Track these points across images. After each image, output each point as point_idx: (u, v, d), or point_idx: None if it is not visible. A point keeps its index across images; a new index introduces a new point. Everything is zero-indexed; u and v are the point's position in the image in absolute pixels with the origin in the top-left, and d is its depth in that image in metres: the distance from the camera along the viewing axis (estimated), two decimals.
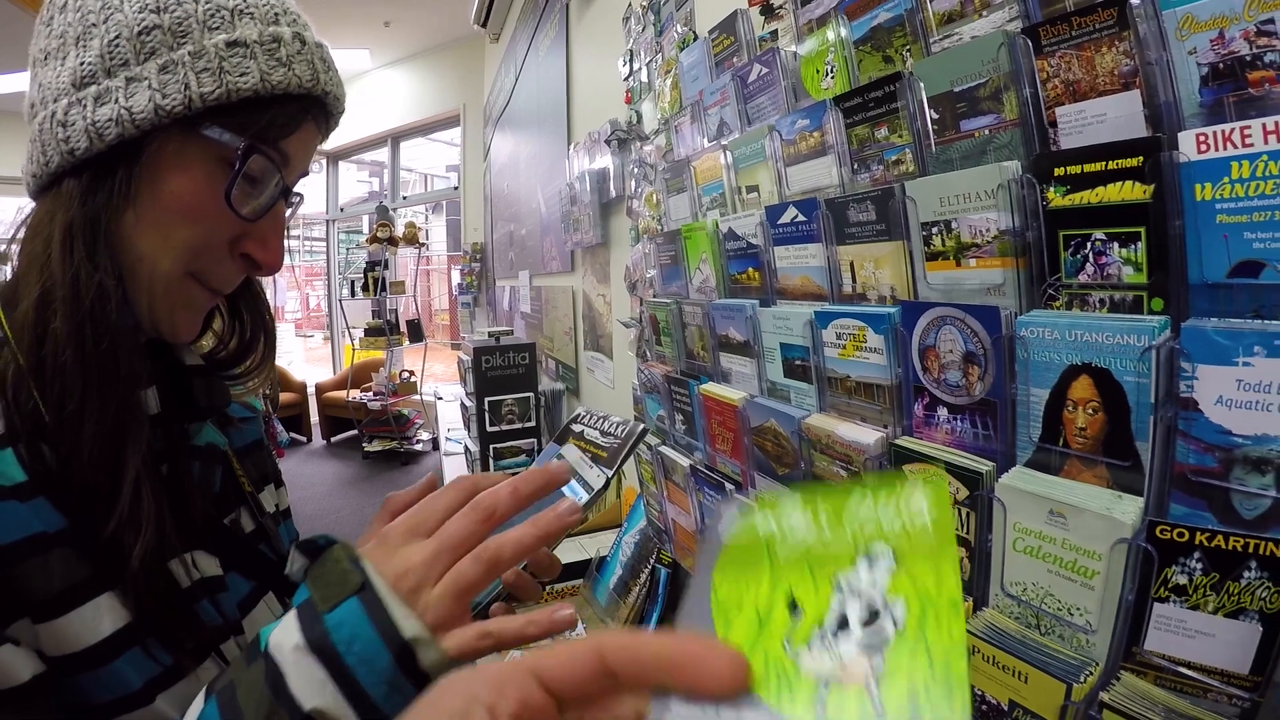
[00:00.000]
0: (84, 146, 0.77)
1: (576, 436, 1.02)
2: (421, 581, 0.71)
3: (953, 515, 0.47)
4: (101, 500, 0.75)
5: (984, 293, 1.02)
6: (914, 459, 1.09)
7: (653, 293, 2.22)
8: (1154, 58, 0.84)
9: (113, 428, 0.77)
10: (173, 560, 0.82)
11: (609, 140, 3.11)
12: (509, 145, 6.86)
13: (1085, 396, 0.88)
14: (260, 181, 0.84)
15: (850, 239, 1.25)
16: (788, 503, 0.50)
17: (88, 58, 0.77)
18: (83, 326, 0.76)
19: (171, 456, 0.91)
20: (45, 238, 0.78)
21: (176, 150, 0.80)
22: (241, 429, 1.11)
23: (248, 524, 1.03)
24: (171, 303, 0.85)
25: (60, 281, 0.76)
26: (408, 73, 10.29)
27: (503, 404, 4.44)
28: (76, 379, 0.75)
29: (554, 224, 4.70)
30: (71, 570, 0.73)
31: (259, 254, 0.89)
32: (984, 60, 1.01)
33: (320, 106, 0.90)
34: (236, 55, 0.79)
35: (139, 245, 0.80)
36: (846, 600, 0.44)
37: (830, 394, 1.31)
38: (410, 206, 11.72)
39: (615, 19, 3.13)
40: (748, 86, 1.61)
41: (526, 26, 5.81)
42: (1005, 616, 0.98)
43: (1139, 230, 0.84)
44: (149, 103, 0.76)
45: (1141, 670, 0.84)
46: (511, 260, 6.96)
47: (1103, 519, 0.84)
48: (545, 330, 5.34)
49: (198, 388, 0.97)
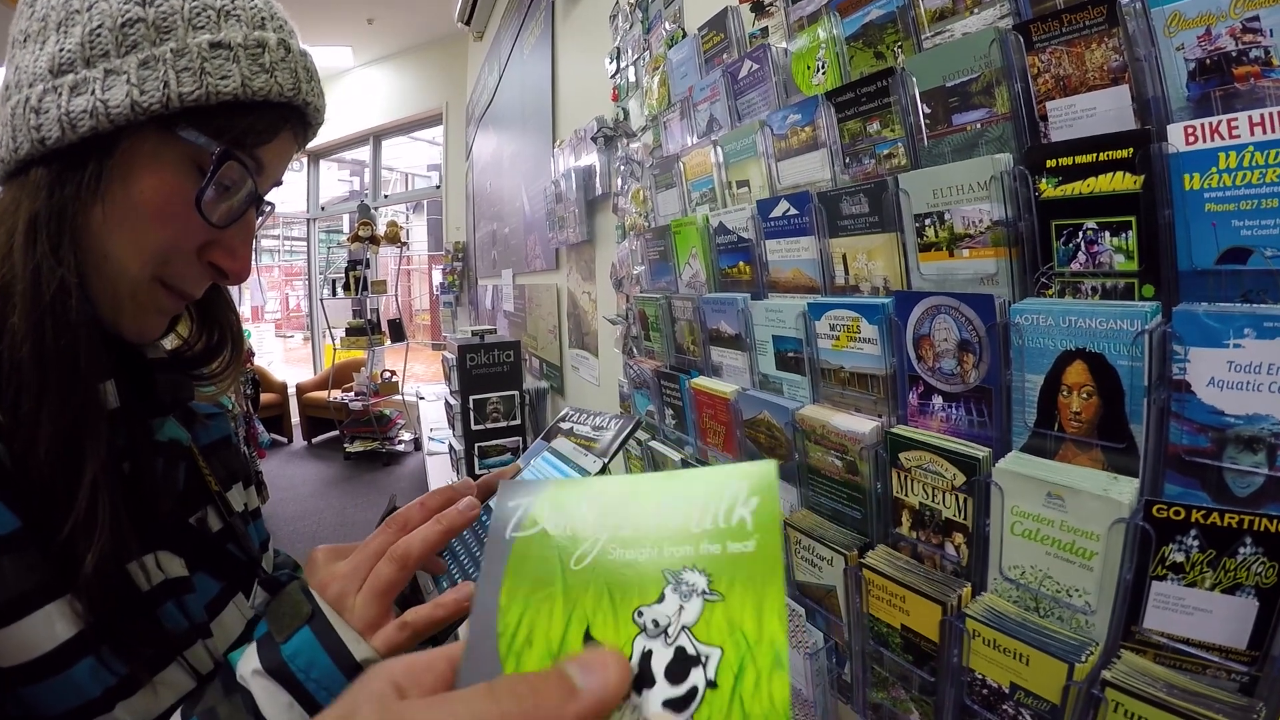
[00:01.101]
0: (55, 136, 0.74)
1: (566, 433, 1.02)
2: (345, 590, 0.77)
3: (780, 530, 0.42)
4: (57, 501, 0.73)
5: (977, 282, 1.04)
6: (910, 447, 1.10)
7: (640, 289, 2.23)
8: (1143, 54, 0.86)
9: (71, 426, 0.74)
10: (133, 563, 0.80)
11: (595, 137, 3.12)
12: (492, 144, 6.84)
13: (1080, 381, 0.90)
14: (233, 188, 0.83)
15: (843, 231, 1.26)
16: (581, 492, 0.47)
17: (68, 44, 0.75)
18: (42, 322, 0.73)
19: (133, 453, 0.87)
20: (9, 228, 0.75)
21: (150, 150, 0.77)
22: (208, 425, 1.08)
23: (215, 523, 1.00)
24: (138, 306, 0.83)
25: (20, 274, 0.73)
26: (390, 71, 10.25)
27: (488, 402, 4.44)
28: (34, 375, 0.73)
29: (538, 222, 4.70)
30: (23, 575, 0.70)
31: (226, 263, 0.86)
32: (976, 56, 1.03)
33: (300, 116, 0.88)
34: (219, 57, 0.77)
35: (105, 244, 0.77)
36: (651, 644, 0.40)
37: (824, 385, 1.32)
38: (391, 205, 11.66)
39: (602, 17, 3.13)
40: (738, 83, 1.62)
41: (511, 25, 5.79)
42: (1004, 600, 1.00)
43: (1130, 219, 0.87)
44: (126, 97, 0.74)
45: (1141, 649, 0.85)
46: (494, 259, 6.95)
47: (1100, 500, 0.86)
48: (529, 329, 5.33)
49: (161, 382, 0.94)
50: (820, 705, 1.34)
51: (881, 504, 1.19)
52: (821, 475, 1.31)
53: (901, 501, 1.14)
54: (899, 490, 1.14)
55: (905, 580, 1.10)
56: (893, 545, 1.18)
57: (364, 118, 10.43)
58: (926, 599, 1.06)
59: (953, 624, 1.03)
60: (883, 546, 1.19)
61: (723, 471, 0.44)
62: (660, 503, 0.44)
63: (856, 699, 1.29)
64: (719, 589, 0.40)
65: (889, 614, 1.14)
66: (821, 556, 1.27)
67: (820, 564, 1.28)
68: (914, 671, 1.12)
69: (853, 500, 1.25)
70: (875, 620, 1.17)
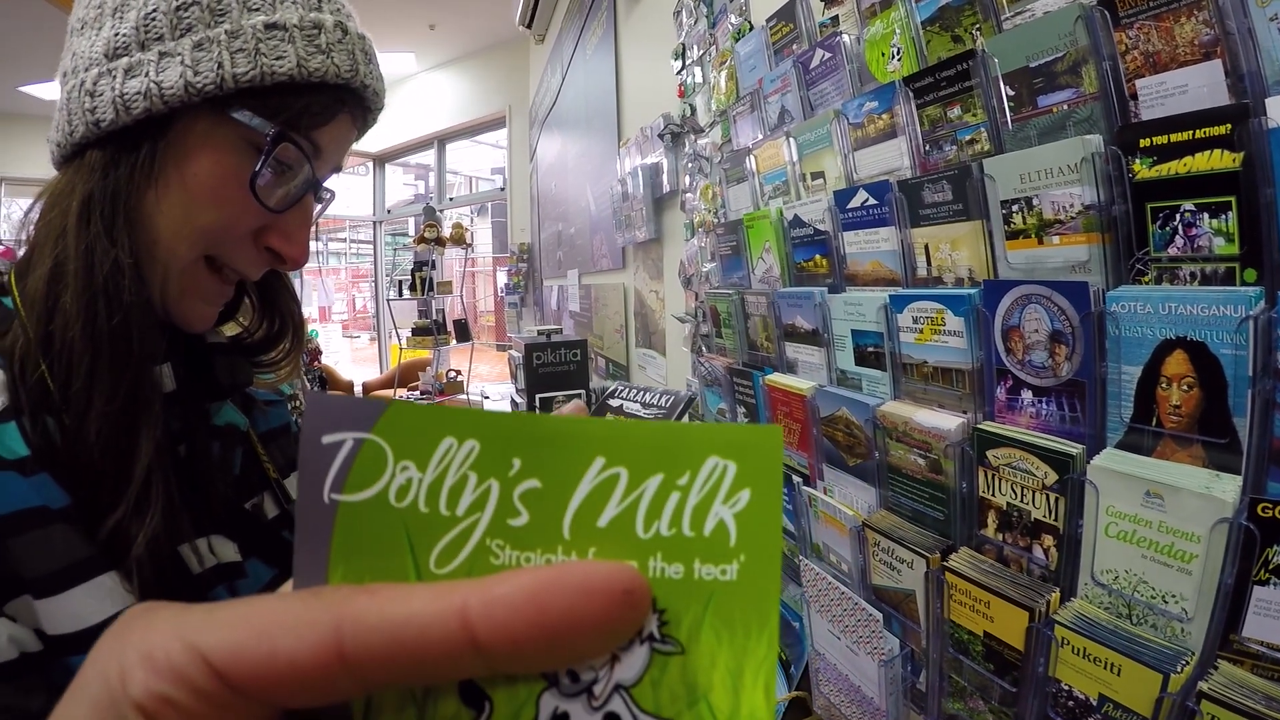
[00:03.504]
0: (110, 118, 0.75)
1: (615, 411, 0.98)
2: None
3: (780, 547, 0.30)
4: (108, 481, 0.74)
5: (1069, 270, 1.00)
6: (998, 444, 1.06)
7: (711, 285, 2.21)
8: (1234, 26, 0.82)
9: (123, 408, 0.75)
10: (185, 545, 0.82)
11: (662, 135, 3.10)
12: (556, 145, 6.88)
13: (1180, 372, 0.86)
14: (289, 171, 0.83)
15: (925, 221, 1.23)
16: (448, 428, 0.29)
17: (123, 28, 0.76)
18: (94, 302, 0.74)
19: (189, 436, 0.89)
20: (63, 209, 0.77)
21: (204, 131, 0.78)
22: (267, 413, 1.09)
23: (271, 510, 1.01)
24: (183, 289, 0.84)
25: (74, 254, 0.74)
26: (453, 75, 10.36)
27: (553, 400, 4.45)
28: (84, 355, 0.73)
29: (604, 222, 4.71)
30: (74, 548, 0.72)
31: (283, 247, 0.87)
32: (1060, 34, 0.99)
33: (358, 100, 0.88)
34: (274, 38, 0.77)
35: (158, 226, 0.79)
36: (567, 706, 0.27)
37: (905, 381, 1.29)
38: (456, 208, 11.80)
39: (664, 14, 3.13)
40: (810, 72, 1.60)
41: (572, 26, 5.83)
42: (1095, 606, 0.96)
43: (1229, 200, 0.82)
44: (180, 79, 0.74)
45: (1239, 659, 0.81)
46: (559, 259, 6.99)
47: (1202, 498, 0.81)
48: (595, 328, 5.35)
49: (220, 365, 0.96)
50: (892, 715, 1.31)
51: (966, 504, 1.15)
52: (902, 474, 1.27)
53: (987, 502, 1.10)
54: (985, 490, 1.10)
55: (990, 584, 1.06)
56: (976, 548, 1.14)
57: (428, 122, 10.56)
58: (1013, 604, 1.02)
59: (1040, 631, 0.99)
60: (966, 549, 1.16)
61: (698, 434, 0.27)
62: (586, 475, 0.28)
63: (931, 709, 1.26)
64: (677, 635, 0.27)
65: (971, 620, 1.10)
66: (901, 559, 1.23)
67: (899, 567, 1.24)
68: (994, 681, 1.07)
69: (935, 500, 1.21)
70: (956, 626, 1.13)
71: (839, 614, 1.40)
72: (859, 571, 1.37)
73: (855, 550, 1.36)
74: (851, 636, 1.36)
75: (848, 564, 1.39)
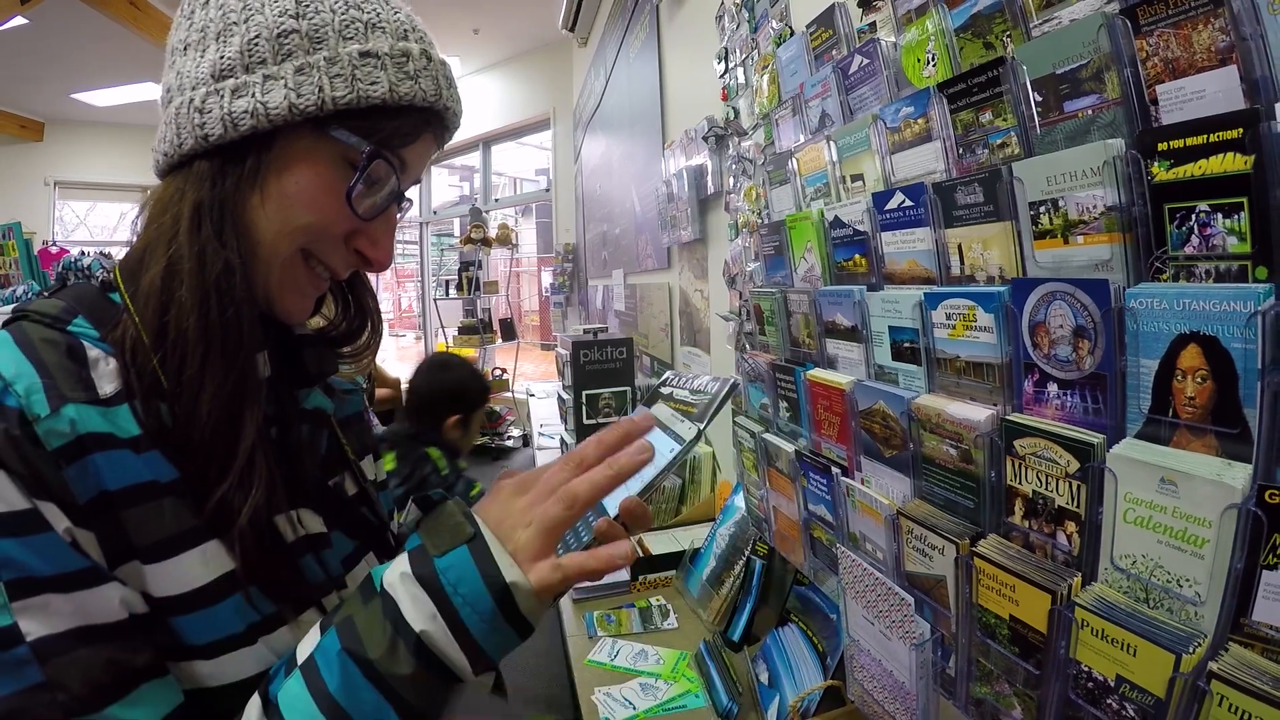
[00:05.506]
0: (218, 133, 0.82)
1: (665, 398, 1.04)
2: (516, 524, 0.83)
3: None
4: (216, 458, 0.81)
5: (1092, 268, 1.04)
6: (1025, 434, 1.10)
7: (754, 284, 2.25)
8: (1249, 32, 0.84)
9: (232, 392, 0.82)
10: (279, 516, 0.89)
11: (707, 137, 3.15)
12: (601, 147, 6.93)
13: (1194, 365, 0.89)
14: (379, 184, 0.90)
15: (958, 221, 1.27)
16: None
17: (228, 52, 0.83)
18: (208, 298, 0.81)
19: (281, 419, 0.98)
20: (175, 214, 0.83)
21: (305, 146, 0.86)
22: (344, 400, 1.18)
23: (350, 487, 1.10)
24: (283, 283, 0.91)
25: (187, 254, 0.81)
26: (497, 78, 10.44)
27: (599, 397, 4.50)
28: (198, 345, 0.80)
29: (649, 222, 4.75)
30: (181, 518, 0.79)
31: (370, 251, 0.95)
32: (1085, 42, 1.02)
33: (439, 120, 0.96)
34: (368, 65, 0.84)
35: (260, 228, 0.86)
36: None
37: (939, 374, 1.33)
38: (501, 209, 11.87)
39: (707, 18, 3.17)
40: (849, 78, 1.64)
41: (616, 29, 5.87)
42: (1114, 590, 0.99)
43: (1241, 200, 0.85)
44: (284, 100, 0.81)
45: (1249, 641, 0.83)
46: (605, 259, 7.03)
47: (1213, 485, 0.85)
48: (640, 327, 5.39)
49: (308, 355, 1.03)
50: (922, 698, 1.35)
51: (995, 492, 1.19)
52: (936, 464, 1.32)
53: (1015, 490, 1.14)
54: (1012, 478, 1.14)
55: (1016, 569, 1.10)
56: (1004, 535, 1.18)
57: (473, 124, 10.62)
58: (1037, 588, 1.06)
59: (1061, 613, 1.02)
60: (994, 536, 1.19)
61: None
62: None
63: (959, 693, 1.29)
64: None
65: (998, 604, 1.14)
66: (933, 545, 1.28)
67: (931, 553, 1.29)
68: (1019, 664, 1.11)
69: (966, 489, 1.25)
70: (984, 610, 1.17)
71: (873, 599, 1.45)
72: (893, 559, 1.41)
73: (890, 538, 1.41)
74: (885, 621, 1.41)
75: (883, 551, 1.44)
